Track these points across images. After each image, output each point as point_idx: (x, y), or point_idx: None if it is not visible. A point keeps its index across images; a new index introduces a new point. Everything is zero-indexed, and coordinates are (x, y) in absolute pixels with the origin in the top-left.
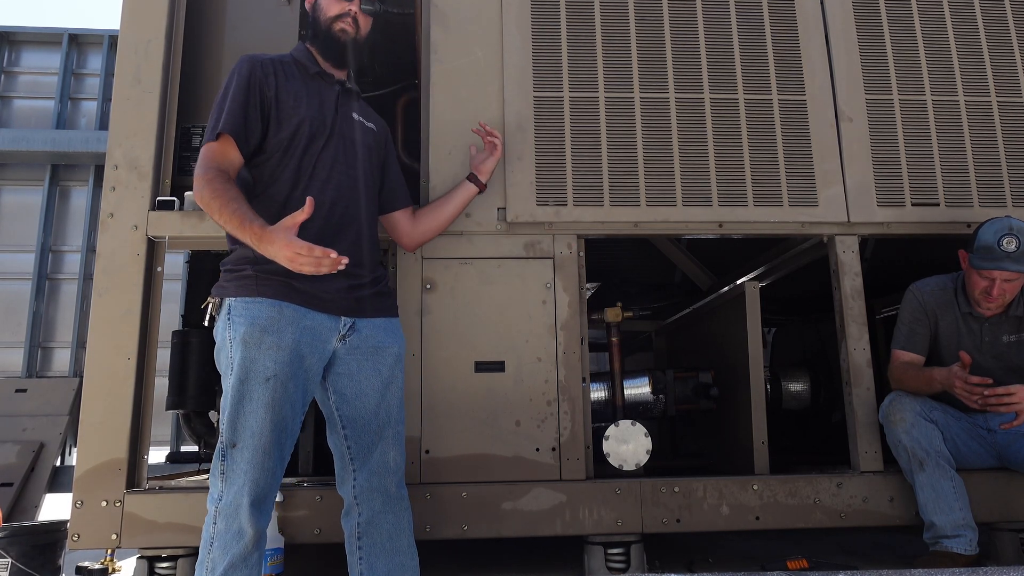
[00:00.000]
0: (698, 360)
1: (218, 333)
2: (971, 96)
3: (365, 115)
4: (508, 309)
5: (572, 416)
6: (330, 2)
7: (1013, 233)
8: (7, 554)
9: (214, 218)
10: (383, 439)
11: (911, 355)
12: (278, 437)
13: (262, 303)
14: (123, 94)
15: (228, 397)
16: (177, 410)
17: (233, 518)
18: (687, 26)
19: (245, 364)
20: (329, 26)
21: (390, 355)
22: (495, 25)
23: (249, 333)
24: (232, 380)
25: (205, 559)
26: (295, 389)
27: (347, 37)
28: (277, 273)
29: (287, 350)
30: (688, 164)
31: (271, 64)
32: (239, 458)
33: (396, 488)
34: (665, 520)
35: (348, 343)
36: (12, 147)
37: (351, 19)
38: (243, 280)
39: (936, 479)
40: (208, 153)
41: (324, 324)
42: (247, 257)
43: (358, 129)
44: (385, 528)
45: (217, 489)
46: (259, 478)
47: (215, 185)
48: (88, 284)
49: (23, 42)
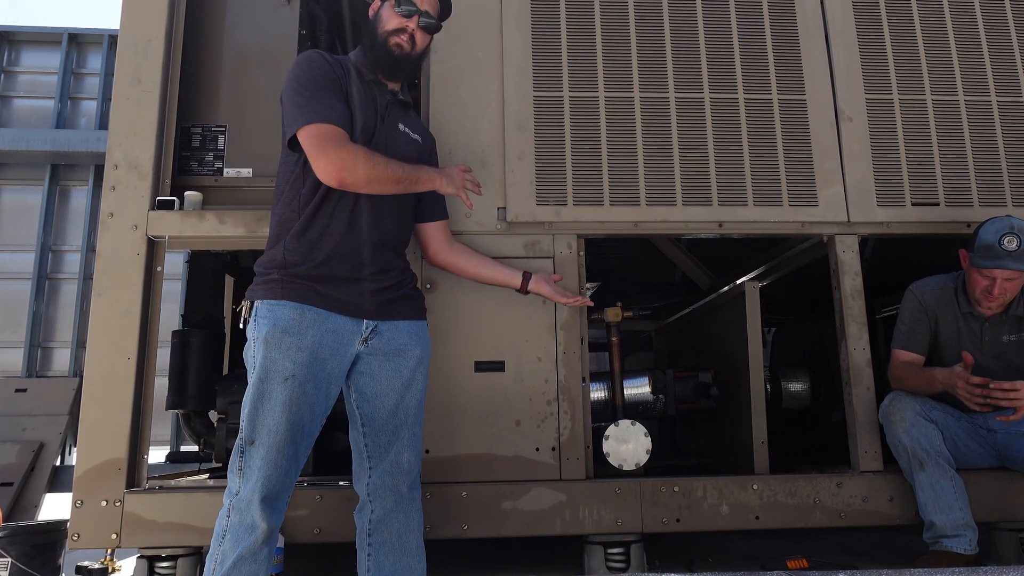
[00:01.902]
0: (698, 360)
1: (248, 333)
2: (971, 96)
3: (412, 127)
4: (508, 309)
5: (572, 416)
6: (391, 15)
7: (1014, 232)
8: (7, 554)
9: (385, 180)
10: (399, 440)
11: (911, 355)
12: (294, 436)
13: (285, 306)
14: (123, 94)
15: (248, 395)
16: (177, 410)
17: (246, 512)
18: (687, 25)
19: (266, 364)
20: (386, 39)
21: (412, 357)
22: (495, 25)
23: (271, 334)
24: (253, 379)
25: (215, 551)
26: (314, 390)
27: (401, 52)
28: (301, 277)
29: (307, 351)
30: (688, 164)
31: (338, 62)
32: (255, 455)
33: (408, 489)
34: (665, 520)
35: (370, 345)
36: (12, 147)
37: (408, 36)
38: (269, 284)
39: (936, 479)
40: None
41: (346, 327)
42: (275, 261)
43: (401, 140)
44: (395, 527)
45: (235, 484)
46: (272, 475)
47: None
48: (88, 284)
49: (23, 42)
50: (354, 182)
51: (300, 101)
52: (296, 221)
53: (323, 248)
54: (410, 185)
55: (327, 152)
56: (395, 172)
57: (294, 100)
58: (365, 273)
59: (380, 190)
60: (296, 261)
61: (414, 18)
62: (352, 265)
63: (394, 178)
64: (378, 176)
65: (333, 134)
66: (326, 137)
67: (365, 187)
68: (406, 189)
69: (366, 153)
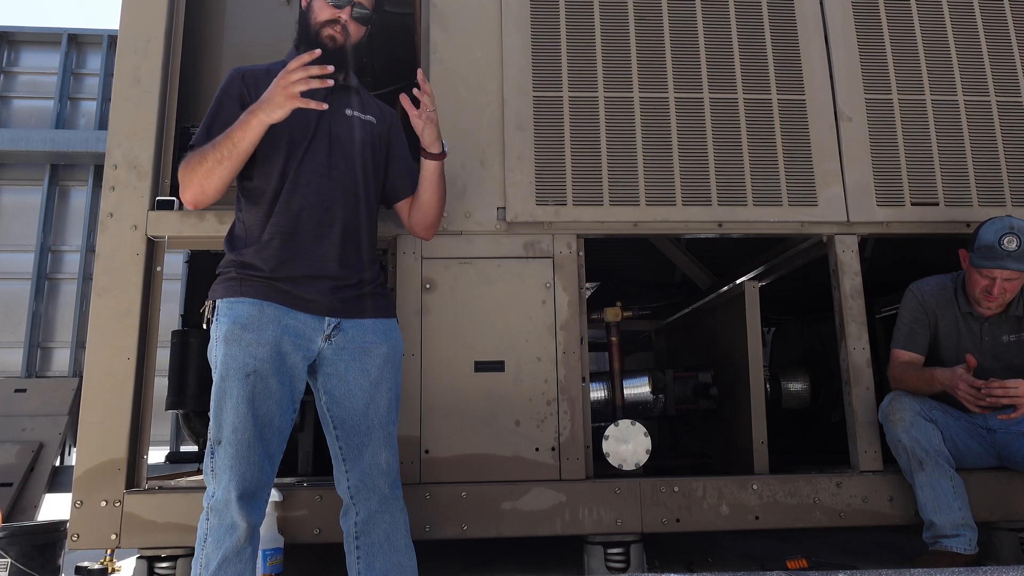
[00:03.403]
0: (698, 360)
1: (211, 333)
2: (971, 96)
3: (364, 109)
4: (508, 309)
5: (572, 416)
6: (322, 7)
7: (1014, 232)
8: (7, 554)
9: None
10: (372, 441)
11: (911, 355)
12: (260, 432)
13: (244, 303)
14: (123, 94)
15: (213, 395)
16: (177, 410)
17: (224, 513)
18: (687, 26)
19: (226, 361)
20: (318, 31)
21: (378, 356)
22: (495, 25)
23: (230, 331)
24: (215, 377)
25: (199, 555)
26: (278, 385)
27: (335, 44)
28: (259, 275)
29: (267, 346)
30: (688, 164)
31: (253, 76)
32: (224, 454)
33: (390, 489)
34: (665, 520)
35: (334, 343)
36: (11, 147)
37: (340, 27)
38: (229, 282)
39: (935, 478)
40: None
41: (307, 324)
42: (233, 260)
43: (355, 126)
44: (382, 528)
45: (210, 487)
46: (245, 471)
47: (190, 156)
48: (88, 284)
49: (22, 42)
50: (195, 199)
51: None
52: (250, 221)
53: (278, 247)
54: (240, 146)
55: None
56: (215, 152)
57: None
58: (326, 270)
59: (223, 178)
60: (254, 259)
61: (346, 8)
62: (310, 262)
63: (217, 157)
64: (203, 172)
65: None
66: (181, 169)
67: (209, 189)
68: (241, 153)
69: (186, 162)
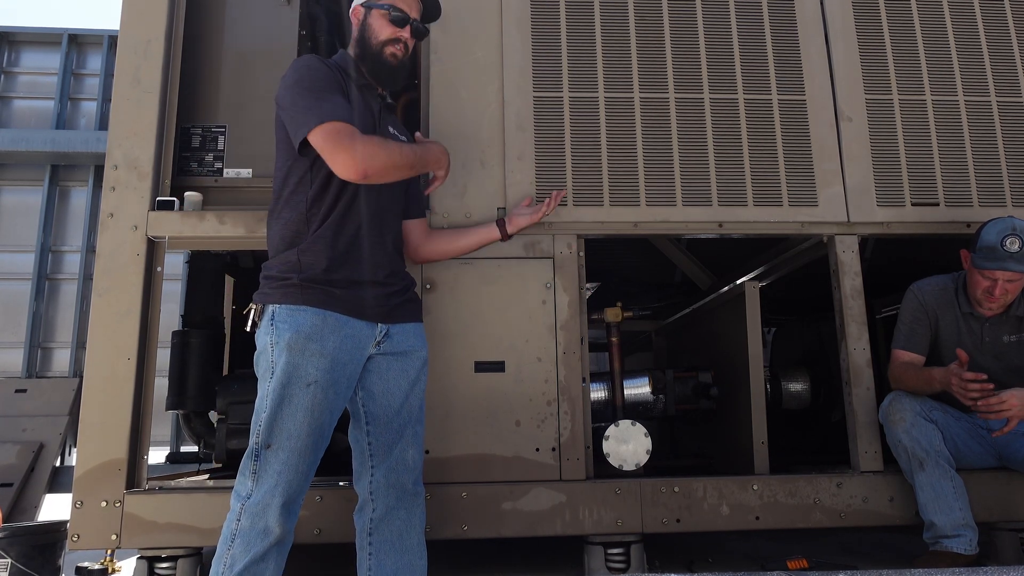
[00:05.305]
0: (698, 360)
1: (259, 338)
2: (971, 96)
3: (398, 129)
4: (508, 309)
5: (572, 416)
6: (383, 25)
7: (1016, 233)
8: (7, 554)
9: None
10: (403, 437)
11: (911, 355)
12: (315, 441)
13: (306, 311)
14: (123, 94)
15: (266, 400)
16: (177, 410)
17: (260, 517)
18: (687, 26)
19: (288, 369)
20: (380, 49)
21: (418, 358)
22: (495, 25)
23: (294, 339)
24: (272, 384)
25: (224, 554)
26: (335, 396)
27: (398, 62)
28: (319, 282)
29: (329, 357)
30: (688, 164)
31: (336, 67)
32: (273, 459)
33: (413, 485)
34: (665, 520)
35: (382, 347)
36: (12, 147)
37: (403, 45)
38: (288, 288)
39: (936, 479)
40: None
41: (363, 331)
42: (290, 264)
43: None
44: (396, 525)
45: (246, 488)
46: (292, 479)
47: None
48: (88, 284)
49: (23, 42)
50: (376, 172)
51: (306, 104)
52: (308, 224)
53: (338, 251)
54: (420, 166)
55: (345, 147)
56: (409, 157)
57: (299, 104)
58: (379, 276)
59: (396, 176)
60: (313, 264)
61: (407, 27)
62: (367, 268)
63: (408, 163)
64: (396, 163)
65: (347, 130)
66: (341, 133)
67: (384, 175)
68: (415, 171)
69: (380, 141)
